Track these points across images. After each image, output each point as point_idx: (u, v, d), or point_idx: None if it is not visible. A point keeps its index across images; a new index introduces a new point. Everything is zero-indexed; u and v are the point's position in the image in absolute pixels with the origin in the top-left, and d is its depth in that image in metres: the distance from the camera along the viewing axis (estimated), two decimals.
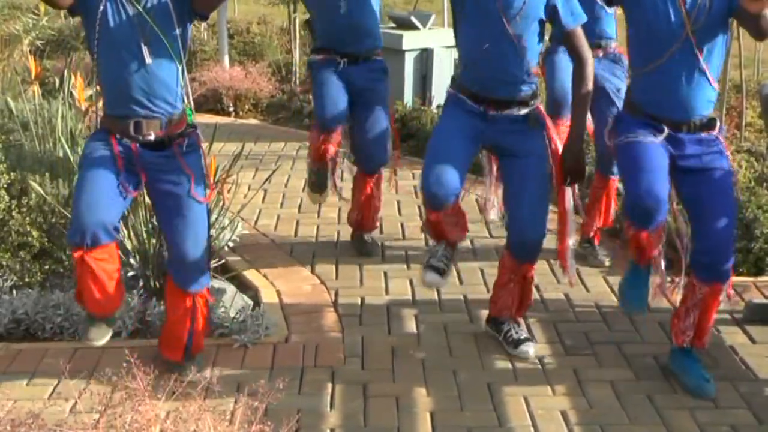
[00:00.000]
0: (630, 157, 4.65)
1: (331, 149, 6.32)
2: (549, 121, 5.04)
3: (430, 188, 4.86)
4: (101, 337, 4.76)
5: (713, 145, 4.66)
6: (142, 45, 4.45)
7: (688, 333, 4.80)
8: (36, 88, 7.30)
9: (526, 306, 5.31)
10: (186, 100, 4.74)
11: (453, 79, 5.15)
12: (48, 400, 4.64)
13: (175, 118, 4.64)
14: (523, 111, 4.91)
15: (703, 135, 4.64)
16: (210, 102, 11.00)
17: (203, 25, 13.34)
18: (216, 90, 10.97)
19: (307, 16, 6.69)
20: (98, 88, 4.85)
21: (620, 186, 6.03)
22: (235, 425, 3.78)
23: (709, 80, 4.55)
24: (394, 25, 10.50)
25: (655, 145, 4.61)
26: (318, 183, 6.55)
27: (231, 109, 10.99)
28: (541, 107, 5.04)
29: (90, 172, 4.58)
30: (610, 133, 4.86)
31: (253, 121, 10.79)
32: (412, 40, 10.11)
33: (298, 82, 11.38)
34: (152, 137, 4.58)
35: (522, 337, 5.19)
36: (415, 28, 10.24)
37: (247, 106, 11.05)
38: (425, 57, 10.19)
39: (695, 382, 4.76)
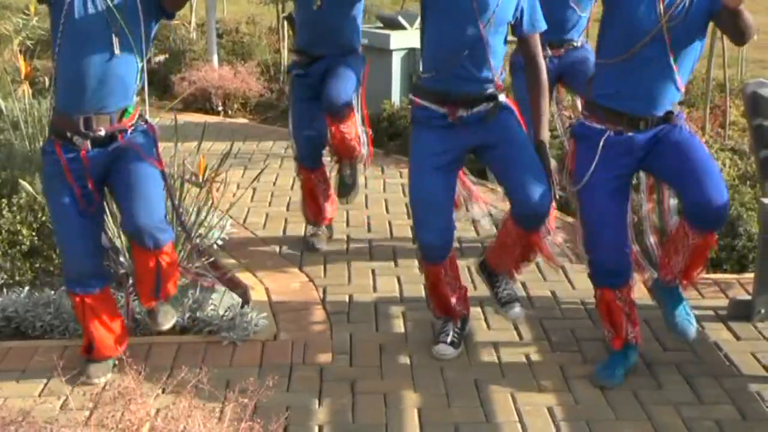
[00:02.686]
0: (588, 212, 4.75)
1: (318, 182, 6.52)
2: (516, 109, 5.04)
3: (428, 239, 4.96)
4: (104, 373, 4.85)
5: (667, 128, 4.65)
6: (110, 40, 4.47)
7: (675, 273, 4.83)
8: (26, 87, 7.31)
9: (526, 262, 5.31)
10: (137, 99, 4.76)
11: (414, 85, 5.10)
12: (39, 398, 4.67)
13: (127, 112, 4.68)
14: (490, 105, 4.89)
15: (659, 128, 4.65)
16: (199, 101, 11.01)
17: (192, 24, 13.35)
18: (205, 89, 10.98)
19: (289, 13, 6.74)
20: (53, 82, 4.88)
21: None
22: (224, 423, 3.81)
23: (675, 81, 4.56)
24: (381, 24, 10.52)
25: (611, 188, 4.67)
26: (311, 244, 6.70)
27: (220, 108, 11.01)
28: (510, 101, 5.03)
29: (55, 209, 4.74)
30: (570, 149, 4.89)
31: (241, 121, 10.81)
32: (399, 40, 10.11)
33: (286, 81, 11.40)
34: (102, 132, 4.61)
35: (512, 297, 5.24)
36: (402, 27, 10.24)
37: (236, 106, 11.06)
38: (412, 56, 10.20)
39: (679, 320, 4.84)
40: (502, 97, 4.93)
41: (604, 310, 4.88)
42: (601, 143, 4.64)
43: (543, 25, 4.94)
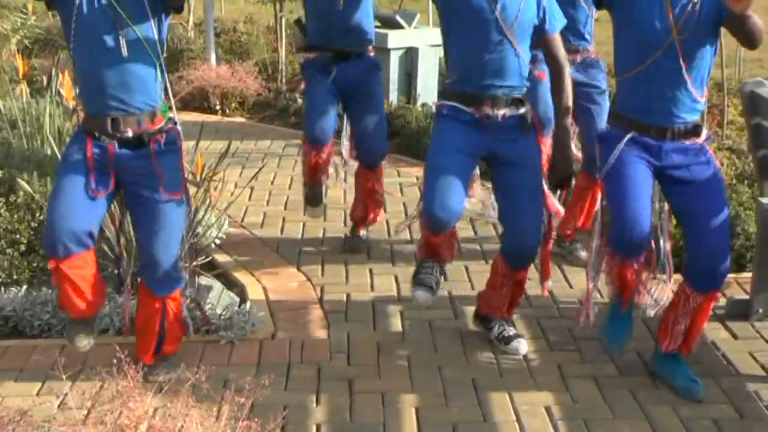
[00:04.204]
0: (615, 187, 4.69)
1: (322, 163, 6.39)
2: (538, 128, 5.07)
3: (434, 213, 4.83)
4: (86, 341, 4.78)
5: (700, 155, 4.65)
6: (119, 38, 4.45)
7: (677, 340, 4.82)
8: (24, 86, 7.32)
9: (516, 305, 5.34)
10: (164, 97, 4.74)
11: (440, 92, 5.12)
12: (37, 397, 4.68)
13: (154, 114, 4.64)
14: (520, 110, 4.90)
15: (688, 143, 4.63)
16: (197, 100, 10.99)
17: (190, 23, 13.34)
18: (203, 88, 10.95)
19: (295, 15, 6.73)
20: (76, 84, 4.86)
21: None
22: (221, 421, 3.80)
23: (690, 90, 4.55)
24: (379, 24, 10.50)
25: (639, 169, 4.63)
26: (313, 198, 6.65)
27: (218, 107, 10.99)
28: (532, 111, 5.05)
29: (62, 180, 4.61)
30: (598, 151, 4.88)
31: (239, 119, 10.80)
32: (397, 39, 10.13)
33: (284, 80, 11.40)
34: (129, 134, 4.58)
35: (512, 334, 5.23)
36: (400, 27, 10.26)
37: (233, 104, 11.05)
38: (410, 55, 10.22)
39: (684, 384, 4.77)
40: (526, 109, 4.94)
41: (617, 281, 4.82)
42: (629, 136, 4.64)
43: (563, 20, 4.95)
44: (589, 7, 6.01)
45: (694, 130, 4.66)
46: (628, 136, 4.64)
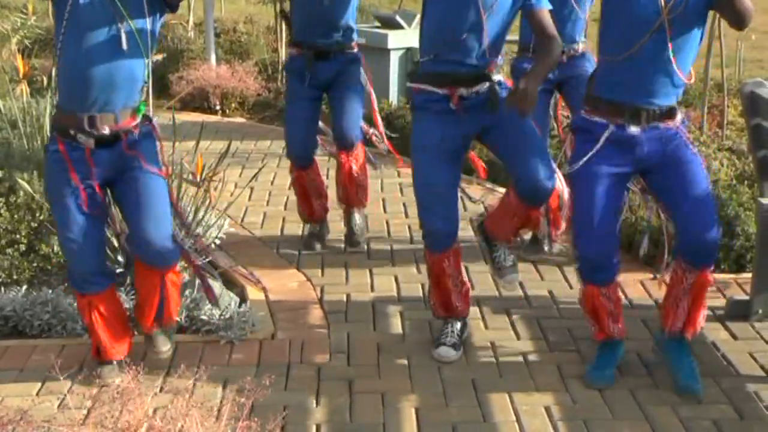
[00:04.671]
0: (581, 202, 4.73)
1: (309, 180, 6.53)
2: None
3: (434, 225, 4.95)
4: (117, 374, 4.76)
5: (674, 138, 4.66)
6: (117, 33, 4.43)
7: (680, 319, 4.81)
8: (24, 86, 7.33)
9: (523, 231, 5.38)
10: (143, 95, 4.75)
11: (411, 73, 5.12)
12: (36, 397, 4.67)
13: (130, 110, 4.63)
14: (487, 85, 4.87)
15: (662, 127, 4.63)
16: (197, 100, 11.00)
17: (190, 23, 13.34)
18: (203, 88, 10.97)
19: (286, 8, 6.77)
20: (55, 79, 4.85)
21: None
22: (221, 422, 3.80)
23: (674, 72, 4.53)
24: (379, 24, 10.53)
25: (607, 182, 4.65)
26: (309, 242, 6.74)
27: (217, 107, 11.00)
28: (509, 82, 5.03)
29: (63, 212, 4.64)
30: (570, 141, 4.89)
31: (239, 120, 10.81)
32: (397, 39, 10.12)
33: (284, 80, 11.40)
34: (106, 131, 4.57)
35: (509, 266, 5.26)
36: (399, 27, 10.26)
37: (233, 105, 11.06)
38: (410, 56, 10.20)
39: (684, 383, 4.74)
40: (499, 77, 4.92)
41: (589, 306, 4.88)
42: (605, 135, 4.63)
43: (548, 4, 4.88)
44: (580, 6, 6.03)
45: (669, 113, 4.65)
46: (605, 135, 4.64)
